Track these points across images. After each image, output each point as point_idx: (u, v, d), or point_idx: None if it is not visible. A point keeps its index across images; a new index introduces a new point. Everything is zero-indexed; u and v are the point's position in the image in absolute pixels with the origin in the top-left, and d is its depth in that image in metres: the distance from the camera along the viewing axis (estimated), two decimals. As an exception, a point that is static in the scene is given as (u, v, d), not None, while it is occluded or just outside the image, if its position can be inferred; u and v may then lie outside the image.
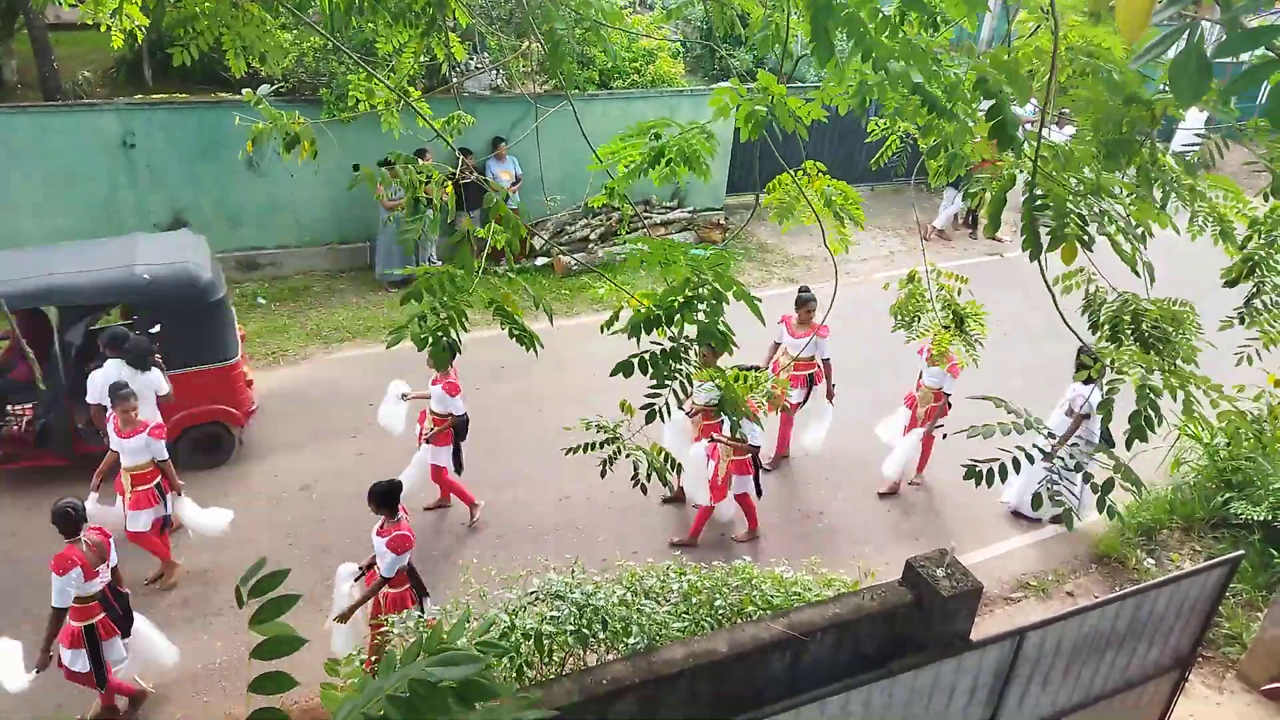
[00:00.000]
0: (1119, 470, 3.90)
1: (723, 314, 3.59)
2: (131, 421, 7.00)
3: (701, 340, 3.61)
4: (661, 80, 14.91)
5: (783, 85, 3.65)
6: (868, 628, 4.82)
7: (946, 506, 8.80)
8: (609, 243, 13.64)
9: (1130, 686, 5.89)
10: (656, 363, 3.65)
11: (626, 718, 4.31)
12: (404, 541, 6.11)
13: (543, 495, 8.56)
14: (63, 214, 11.23)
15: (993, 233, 3.88)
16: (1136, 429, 3.74)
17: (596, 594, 4.90)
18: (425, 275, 3.56)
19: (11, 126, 10.74)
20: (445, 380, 7.78)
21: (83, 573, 5.72)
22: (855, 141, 14.85)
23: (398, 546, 6.08)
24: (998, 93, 3.27)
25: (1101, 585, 8.05)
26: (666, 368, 3.68)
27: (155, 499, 7.13)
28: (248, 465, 8.74)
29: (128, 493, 7.03)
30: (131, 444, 6.97)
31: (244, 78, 5.50)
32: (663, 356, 3.67)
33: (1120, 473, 3.90)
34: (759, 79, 3.63)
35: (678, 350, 3.69)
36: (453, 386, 7.78)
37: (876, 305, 5.81)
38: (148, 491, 7.07)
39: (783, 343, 8.80)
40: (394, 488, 6.23)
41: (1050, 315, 3.81)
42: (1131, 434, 3.74)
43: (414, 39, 5.63)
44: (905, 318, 5.74)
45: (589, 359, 10.58)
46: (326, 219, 12.61)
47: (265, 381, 10.15)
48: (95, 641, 5.87)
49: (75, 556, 5.71)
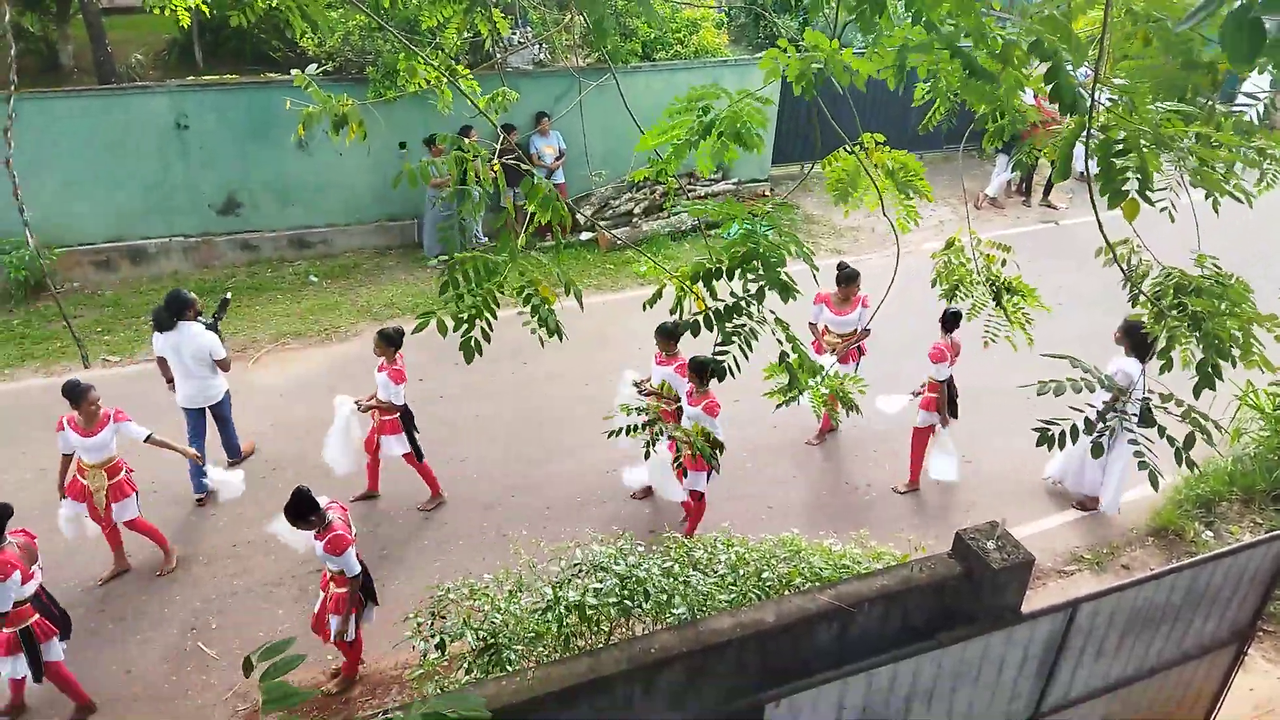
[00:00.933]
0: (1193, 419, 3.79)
1: (785, 264, 3.57)
2: (94, 418, 6.83)
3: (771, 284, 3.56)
4: (705, 51, 14.75)
5: (835, 42, 3.58)
6: (916, 600, 4.80)
7: (997, 479, 8.69)
8: (653, 217, 13.61)
9: (1187, 659, 5.80)
10: (720, 318, 3.66)
11: (674, 686, 4.36)
12: (340, 542, 5.88)
13: (588, 468, 8.64)
14: (119, 195, 11.52)
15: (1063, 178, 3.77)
16: (1204, 377, 3.67)
17: (640, 566, 4.94)
18: (460, 262, 3.58)
19: (69, 110, 11.01)
20: (391, 367, 7.56)
21: (20, 576, 5.63)
22: (902, 107, 14.59)
23: (334, 548, 5.87)
24: (1053, 54, 3.18)
25: (1158, 558, 7.91)
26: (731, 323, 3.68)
27: (134, 485, 7.08)
28: (304, 439, 8.92)
29: (102, 489, 6.90)
30: (96, 441, 6.80)
31: (291, 58, 5.57)
32: (726, 312, 3.67)
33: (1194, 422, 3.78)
34: (807, 38, 3.57)
35: (740, 305, 3.68)
36: (398, 374, 7.56)
37: (925, 277, 5.70)
38: (124, 480, 7.00)
39: (821, 322, 8.61)
40: (299, 500, 5.84)
41: (1106, 284, 3.73)
42: (1199, 383, 3.67)
43: (457, 14, 5.65)
44: (947, 286, 5.62)
45: (633, 333, 10.62)
46: (374, 197, 12.75)
47: (319, 357, 10.36)
48: (34, 644, 5.80)
49: (11, 560, 5.60)
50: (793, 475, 8.75)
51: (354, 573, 6.01)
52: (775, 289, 3.58)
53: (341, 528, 5.95)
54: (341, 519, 6.04)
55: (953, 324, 7.76)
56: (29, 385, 9.73)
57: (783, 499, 8.41)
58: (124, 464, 7.07)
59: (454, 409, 9.42)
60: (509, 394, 9.74)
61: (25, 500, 7.55)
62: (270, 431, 9.07)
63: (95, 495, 6.92)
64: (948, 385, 8.10)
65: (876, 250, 13.29)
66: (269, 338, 10.73)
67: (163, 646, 6.75)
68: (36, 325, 10.79)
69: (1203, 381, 3.68)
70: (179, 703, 6.33)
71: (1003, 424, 9.23)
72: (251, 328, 10.93)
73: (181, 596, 7.18)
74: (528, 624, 4.74)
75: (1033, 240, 13.53)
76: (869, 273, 8.84)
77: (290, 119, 11.38)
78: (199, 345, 7.74)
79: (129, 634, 6.84)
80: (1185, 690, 6.05)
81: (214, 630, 6.89)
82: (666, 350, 7.81)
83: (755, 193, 14.30)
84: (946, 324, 7.82)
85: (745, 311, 3.69)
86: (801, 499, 8.46)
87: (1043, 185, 15.35)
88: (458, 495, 8.31)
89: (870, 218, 14.05)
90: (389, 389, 7.57)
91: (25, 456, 8.49)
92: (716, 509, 8.07)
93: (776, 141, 14.66)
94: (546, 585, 4.87)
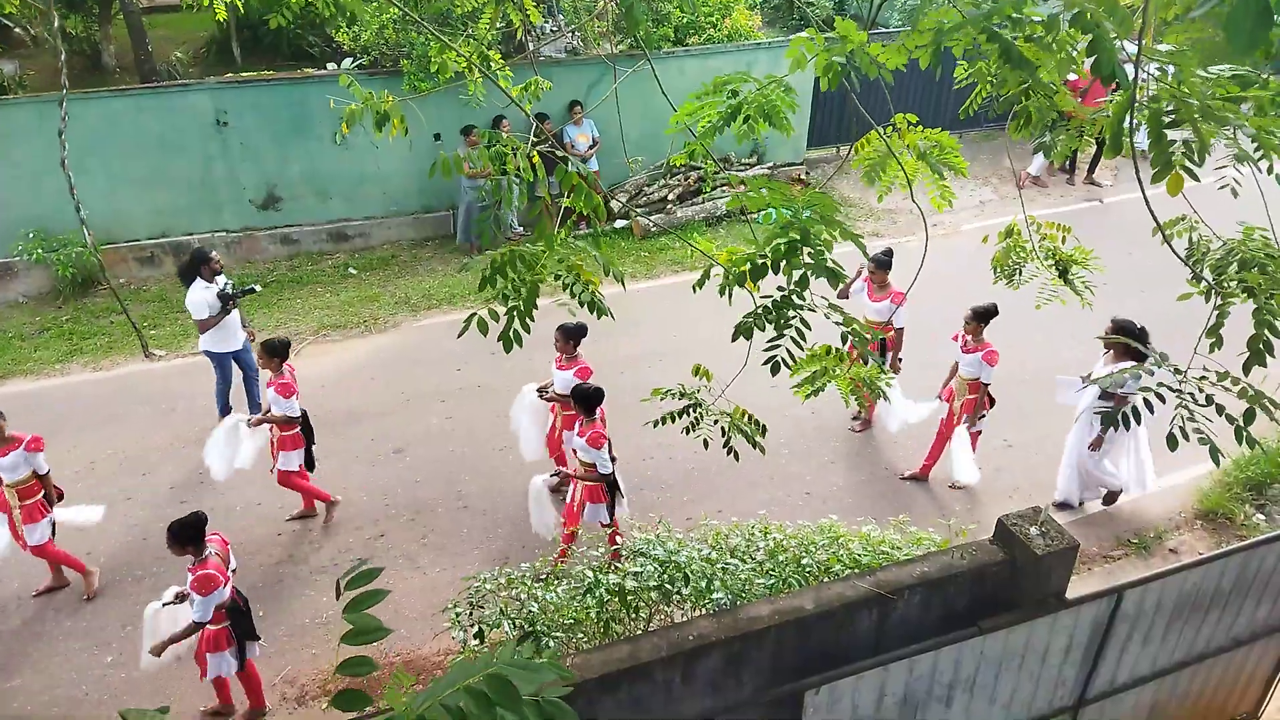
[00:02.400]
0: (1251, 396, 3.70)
1: (831, 250, 3.54)
2: (3, 439, 6.65)
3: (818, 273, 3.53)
4: (738, 34, 14.63)
5: (864, 34, 3.54)
6: (958, 586, 4.76)
7: (1040, 463, 8.57)
8: (688, 203, 13.55)
9: (1238, 646, 5.69)
10: (773, 313, 3.64)
11: (713, 673, 4.37)
12: (209, 581, 5.55)
13: (626, 456, 8.64)
14: (161, 191, 11.73)
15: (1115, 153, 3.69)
16: (1255, 354, 3.59)
17: (679, 552, 4.95)
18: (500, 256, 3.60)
19: (112, 109, 11.23)
20: (278, 382, 7.33)
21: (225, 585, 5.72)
22: (942, 88, 14.36)
23: (202, 587, 5.54)
24: (1095, 27, 3.10)
25: (1206, 542, 7.75)
26: (783, 316, 3.66)
27: (46, 508, 6.90)
28: (345, 429, 9.06)
29: (15, 509, 6.77)
30: (6, 461, 6.64)
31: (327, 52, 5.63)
32: (777, 306, 3.65)
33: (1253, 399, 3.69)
34: (837, 27, 3.53)
35: (790, 299, 3.66)
36: (285, 388, 7.33)
37: (966, 259, 5.63)
38: (37, 503, 6.83)
39: (857, 300, 8.36)
40: (185, 525, 5.58)
41: (1154, 263, 3.64)
42: (1250, 359, 3.59)
43: (490, 3, 5.66)
44: (1007, 271, 5.56)
45: (668, 320, 10.61)
46: (410, 189, 12.85)
47: (358, 348, 10.49)
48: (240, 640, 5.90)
49: (217, 570, 5.68)
50: (830, 461, 8.70)
51: (203, 619, 5.66)
52: (823, 276, 3.55)
53: (214, 566, 5.65)
54: (219, 556, 5.78)
55: (991, 318, 7.57)
56: (80, 380, 9.97)
57: (821, 485, 8.37)
58: (41, 487, 6.86)
59: (493, 397, 9.48)
60: (546, 382, 9.78)
61: (77, 493, 7.76)
62: (313, 421, 9.19)
63: (13, 512, 6.82)
64: None
65: (915, 232, 13.12)
66: (310, 330, 10.89)
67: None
68: (85, 321, 11.05)
69: (1254, 358, 3.60)
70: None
71: (1045, 407, 9.08)
72: (293, 320, 11.09)
73: (229, 584, 7.33)
74: (566, 611, 4.78)
75: (1077, 219, 13.17)
76: (906, 256, 8.73)
77: (326, 113, 11.60)
78: (190, 301, 8.42)
79: (179, 621, 7.00)
80: (1236, 677, 5.94)
81: (261, 618, 7.00)
82: (567, 353, 7.57)
83: (791, 176, 14.16)
84: (987, 317, 7.56)
85: (794, 305, 3.67)
86: (840, 484, 8.41)
87: (1087, 163, 15.03)
88: (499, 483, 8.38)
89: (908, 199, 13.75)
90: (280, 403, 7.33)
91: (76, 449, 8.71)
92: (753, 494, 8.05)
93: (812, 124, 14.52)
94: (586, 569, 4.90)
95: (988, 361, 7.54)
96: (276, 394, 7.34)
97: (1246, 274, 3.82)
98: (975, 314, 7.59)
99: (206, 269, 8.34)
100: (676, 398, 4.65)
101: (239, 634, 5.90)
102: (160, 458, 8.67)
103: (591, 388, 6.86)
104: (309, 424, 7.67)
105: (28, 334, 10.83)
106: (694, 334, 9.93)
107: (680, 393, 4.65)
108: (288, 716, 6.30)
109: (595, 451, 6.71)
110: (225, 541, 5.99)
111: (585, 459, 6.82)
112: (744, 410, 4.77)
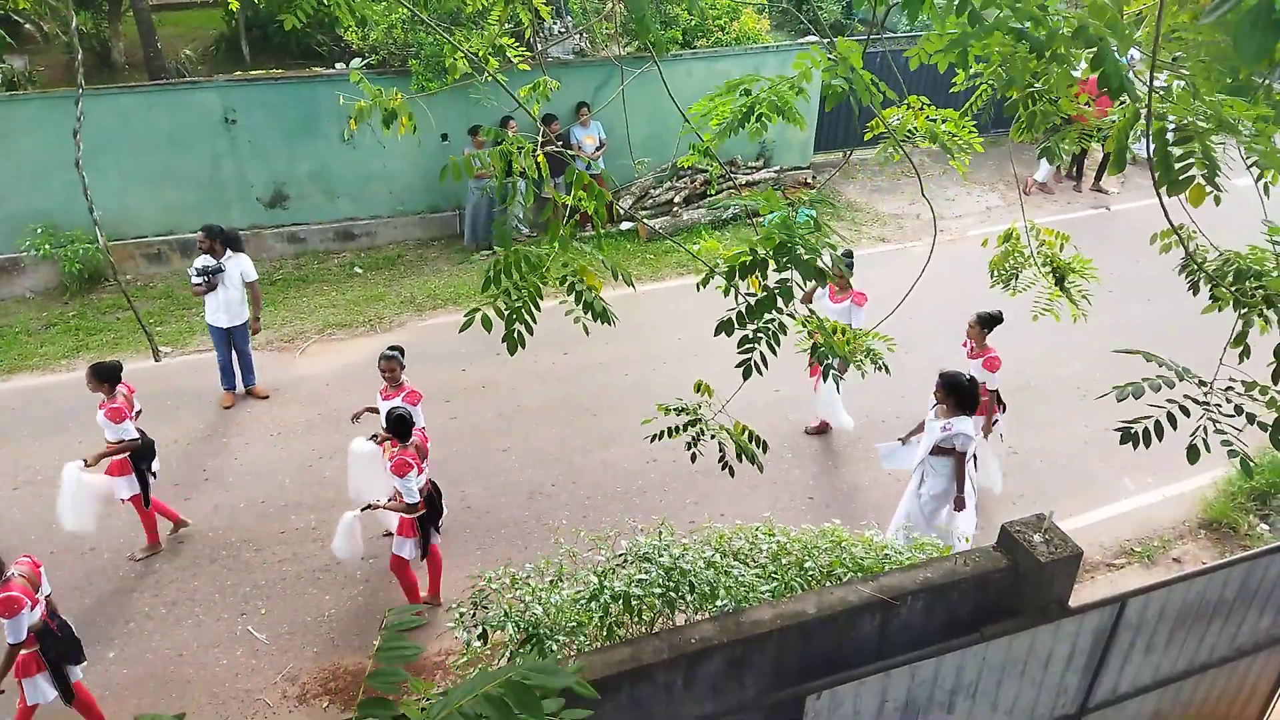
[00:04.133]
0: None
1: (820, 253, 3.56)
2: None
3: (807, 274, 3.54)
4: (746, 37, 14.64)
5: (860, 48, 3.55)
6: (960, 593, 4.75)
7: (1046, 471, 8.56)
8: (694, 206, 13.56)
9: (1240, 656, 5.67)
10: (752, 311, 3.65)
11: (714, 676, 4.37)
12: (12, 604, 5.34)
13: (629, 458, 8.66)
14: (169, 188, 11.77)
15: (1118, 170, 3.68)
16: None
17: (684, 557, 4.95)
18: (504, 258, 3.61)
19: (122, 106, 11.27)
20: (109, 405, 6.99)
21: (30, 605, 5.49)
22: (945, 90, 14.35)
23: (6, 610, 5.35)
24: (1099, 40, 3.11)
25: (1210, 552, 7.74)
26: (761, 316, 3.67)
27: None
28: (350, 428, 9.06)
29: None
30: None
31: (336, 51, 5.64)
32: (758, 304, 3.66)
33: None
34: (839, 47, 3.54)
35: (773, 297, 3.67)
36: (116, 412, 6.98)
37: (971, 264, 5.62)
38: None
39: (818, 304, 8.10)
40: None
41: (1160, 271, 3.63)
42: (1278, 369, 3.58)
43: (498, 3, 5.67)
44: (1003, 274, 5.56)
45: (673, 323, 10.62)
46: (417, 189, 12.88)
47: (364, 347, 10.51)
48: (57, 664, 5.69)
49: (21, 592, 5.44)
50: (834, 466, 8.70)
51: (15, 640, 5.46)
52: (812, 278, 3.57)
53: (17, 588, 5.41)
54: (24, 578, 5.52)
55: (995, 325, 7.54)
56: (86, 375, 10.00)
57: (824, 489, 8.37)
58: None
59: (497, 399, 9.51)
60: (551, 384, 9.80)
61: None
62: (318, 420, 9.23)
63: None
64: None
65: (921, 237, 13.12)
66: (316, 328, 10.91)
67: (213, 631, 6.92)
68: (91, 318, 11.08)
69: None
70: (230, 686, 6.48)
71: (1050, 415, 9.08)
72: (299, 318, 11.12)
73: (232, 582, 7.35)
74: (569, 614, 4.77)
75: (1083, 226, 13.24)
76: (912, 261, 8.72)
77: (335, 112, 11.62)
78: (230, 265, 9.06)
79: (181, 618, 7.02)
80: (1239, 687, 5.92)
81: (263, 616, 7.04)
82: (393, 382, 7.30)
83: (797, 180, 14.17)
84: (991, 324, 7.53)
85: (775, 306, 3.68)
86: (843, 489, 8.40)
87: (1093, 170, 15.02)
88: (501, 484, 8.39)
89: (914, 204, 13.86)
90: (112, 428, 7.02)
91: (83, 445, 8.72)
92: (756, 497, 8.05)
93: (818, 129, 14.52)
94: (590, 573, 4.90)
95: (988, 368, 7.53)
96: (106, 418, 6.96)
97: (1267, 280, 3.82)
98: (979, 320, 7.59)
99: (203, 244, 9.03)
100: (678, 414, 4.65)
101: (52, 659, 5.64)
102: (165, 453, 8.69)
103: (407, 411, 6.57)
104: (148, 447, 7.37)
105: (34, 329, 10.87)
106: (699, 337, 9.93)
107: (680, 409, 4.65)
108: (289, 715, 6.31)
109: (400, 479, 6.37)
110: (37, 564, 5.70)
111: (396, 485, 6.49)
112: (744, 426, 4.75)
